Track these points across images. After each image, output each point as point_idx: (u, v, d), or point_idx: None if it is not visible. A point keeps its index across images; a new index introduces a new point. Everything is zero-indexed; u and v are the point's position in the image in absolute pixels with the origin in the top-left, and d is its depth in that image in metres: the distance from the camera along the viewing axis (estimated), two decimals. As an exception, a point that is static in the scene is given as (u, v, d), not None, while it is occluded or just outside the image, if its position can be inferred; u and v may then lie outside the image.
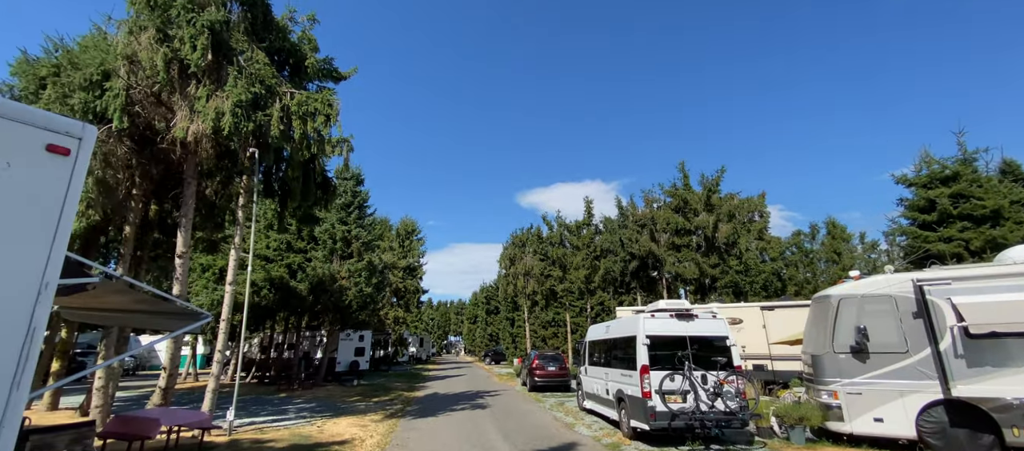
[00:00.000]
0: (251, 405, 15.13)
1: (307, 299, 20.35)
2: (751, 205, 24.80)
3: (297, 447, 8.91)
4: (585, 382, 13.34)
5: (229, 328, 10.49)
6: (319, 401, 16.29)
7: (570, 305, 32.39)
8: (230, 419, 9.87)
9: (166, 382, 9.89)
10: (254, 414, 13.17)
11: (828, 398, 8.58)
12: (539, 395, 18.01)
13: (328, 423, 11.78)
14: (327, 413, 13.52)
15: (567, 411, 13.77)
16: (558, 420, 12.21)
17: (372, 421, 12.25)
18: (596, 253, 29.14)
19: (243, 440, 9.37)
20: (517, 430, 10.77)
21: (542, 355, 20.12)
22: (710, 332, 9.22)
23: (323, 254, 21.74)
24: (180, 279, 9.73)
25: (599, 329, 12.64)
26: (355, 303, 21.08)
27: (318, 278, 20.55)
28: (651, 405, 8.55)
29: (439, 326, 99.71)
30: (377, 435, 10.36)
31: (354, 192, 23.05)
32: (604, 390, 11.25)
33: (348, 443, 9.49)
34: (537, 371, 19.18)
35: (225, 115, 8.56)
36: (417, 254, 41.14)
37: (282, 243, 22.62)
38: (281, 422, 11.84)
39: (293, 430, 10.67)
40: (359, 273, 21.55)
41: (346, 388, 20.49)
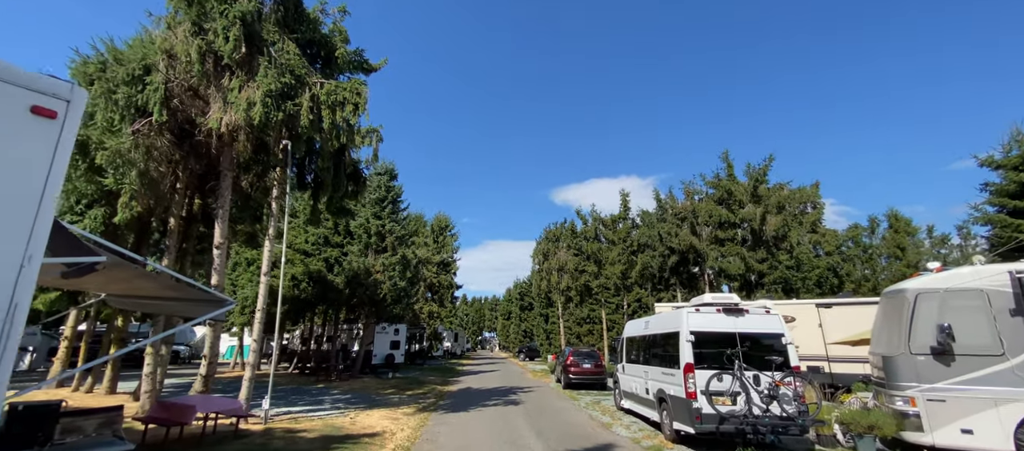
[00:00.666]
0: (290, 394, 15.47)
1: (343, 292, 20.70)
2: (803, 196, 23.08)
3: (328, 438, 8.84)
4: (623, 381, 12.70)
5: (264, 319, 10.62)
6: (355, 393, 16.48)
7: (606, 302, 31.51)
8: (265, 407, 9.98)
9: (206, 370, 10.13)
10: (292, 403, 13.41)
11: (903, 405, 7.58)
12: (574, 393, 17.47)
13: (361, 415, 11.77)
14: (361, 405, 13.57)
15: (603, 410, 13.18)
16: (594, 419, 11.65)
17: (404, 414, 12.14)
18: (633, 248, 28.13)
19: (277, 429, 9.44)
20: (550, 428, 10.32)
21: (577, 352, 19.54)
22: (763, 329, 8.40)
23: (358, 248, 22.07)
24: (218, 269, 9.92)
25: (638, 325, 11.96)
26: (389, 296, 21.26)
27: (353, 272, 20.85)
28: (696, 407, 7.87)
29: (474, 322, 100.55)
30: (408, 429, 10.20)
31: (387, 187, 23.26)
32: (643, 389, 10.60)
33: (379, 436, 9.36)
34: (572, 368, 18.63)
35: (256, 105, 8.58)
36: (451, 249, 41.38)
37: (320, 238, 23.14)
38: (316, 412, 11.94)
39: (326, 421, 10.69)
40: (393, 267, 21.71)
41: (381, 380, 20.71)
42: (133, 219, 10.13)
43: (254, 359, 10.23)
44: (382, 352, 25.06)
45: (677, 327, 8.70)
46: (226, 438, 8.34)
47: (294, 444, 8.20)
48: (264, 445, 7.98)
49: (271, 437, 8.64)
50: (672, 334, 9.01)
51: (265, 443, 8.10)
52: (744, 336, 8.30)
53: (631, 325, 12.63)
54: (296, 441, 8.39)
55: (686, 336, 8.29)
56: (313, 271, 21.66)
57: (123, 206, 9.17)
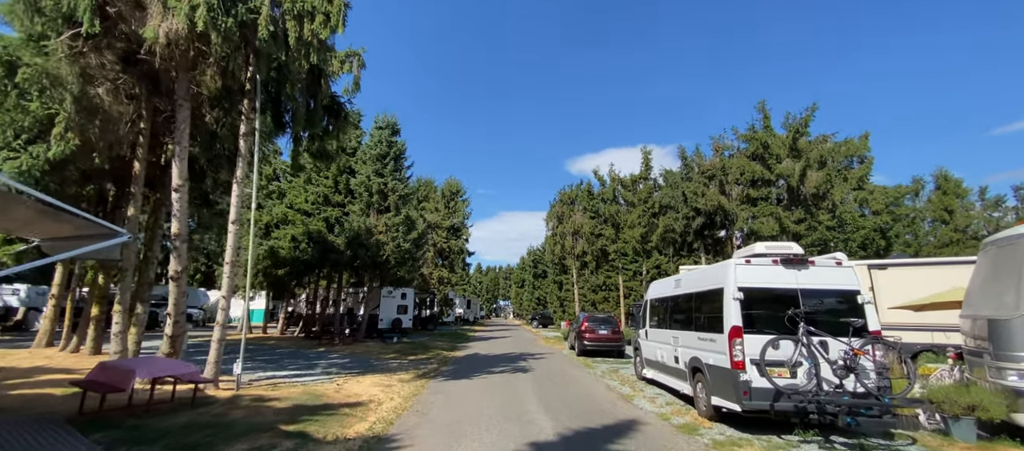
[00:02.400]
0: (285, 359, 14.47)
1: (345, 253, 19.51)
2: (849, 149, 20.65)
3: (301, 408, 7.59)
4: (645, 348, 11.18)
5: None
6: (354, 357, 15.43)
7: (623, 268, 29.86)
8: (237, 373, 8.80)
9: (173, 329, 8.95)
10: (282, 368, 12.34)
11: (1019, 380, 5.86)
12: (588, 360, 16.11)
13: (351, 381, 10.58)
14: (356, 370, 12.44)
15: (622, 380, 11.75)
16: (612, 390, 10.22)
17: (399, 381, 10.92)
18: (654, 210, 26.18)
19: (247, 396, 8.24)
20: (562, 401, 8.91)
21: (592, 317, 18.10)
22: (833, 284, 6.67)
23: (359, 207, 20.73)
24: (177, 215, 8.58)
25: (665, 284, 10.31)
26: (393, 258, 20.01)
27: (355, 232, 19.58)
28: (744, 379, 6.28)
29: (488, 290, 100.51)
30: (398, 398, 8.92)
31: (389, 142, 21.65)
32: (671, 358, 9.05)
33: (362, 406, 8.08)
34: (587, 334, 17.24)
35: (199, 7, 6.94)
36: (462, 215, 40.00)
37: (319, 197, 21.88)
38: (302, 378, 10.80)
39: (309, 388, 9.50)
40: (396, 228, 20.36)
41: (386, 345, 19.73)
42: (99, 164, 8.76)
43: (222, 317, 8.99)
44: (389, 317, 24.11)
45: (720, 282, 7.03)
46: (181, 407, 7.15)
47: (257, 415, 6.95)
48: (220, 416, 6.74)
49: (233, 406, 7.42)
50: (713, 292, 7.35)
51: (222, 414, 6.86)
52: (808, 293, 6.58)
53: (657, 285, 11.00)
54: (260, 411, 7.15)
55: (733, 293, 6.62)
56: (313, 231, 20.48)
57: (57, 138, 7.79)
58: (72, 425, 5.89)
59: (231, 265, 9.04)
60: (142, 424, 6.14)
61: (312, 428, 6.36)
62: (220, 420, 6.50)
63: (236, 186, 9.19)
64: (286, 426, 6.39)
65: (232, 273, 9.08)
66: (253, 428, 6.21)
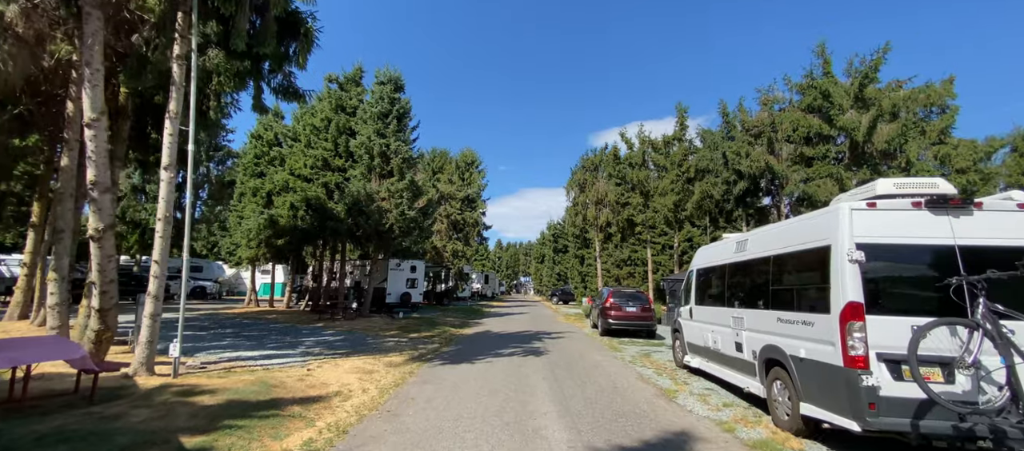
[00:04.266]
0: (271, 336, 12.89)
1: (345, 221, 17.76)
2: (929, 96, 17.32)
3: (236, 404, 5.76)
4: (688, 329, 8.96)
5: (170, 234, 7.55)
6: (350, 334, 13.76)
7: (651, 241, 27.33)
8: (174, 355, 7.06)
9: (100, 301, 7.24)
10: (257, 348, 10.69)
11: None
12: (614, 342, 14.00)
13: (327, 365, 8.80)
14: (343, 350, 10.70)
15: (658, 367, 9.60)
16: (646, 382, 8.08)
17: (386, 365, 9.09)
18: (689, 175, 23.41)
19: (177, 386, 6.48)
20: (582, 396, 6.84)
21: (618, 293, 15.88)
22: (1015, 238, 4.25)
23: (360, 171, 18.85)
24: (92, 157, 6.75)
25: (720, 248, 7.97)
26: (397, 227, 18.14)
27: (354, 198, 17.76)
28: (869, 384, 4.02)
29: (508, 266, 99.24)
30: (374, 389, 7.05)
31: (391, 99, 19.50)
32: (730, 344, 6.81)
33: (320, 402, 6.22)
34: (612, 312, 15.07)
35: None
36: (477, 185, 37.89)
37: (318, 160, 20.12)
38: (272, 360, 9.08)
39: (269, 374, 7.73)
40: (400, 194, 18.41)
41: (391, 321, 18.11)
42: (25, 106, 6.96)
43: (156, 287, 7.20)
44: (397, 291, 22.52)
45: (824, 238, 4.70)
46: (73, 402, 5.41)
47: (167, 416, 5.13)
48: (111, 419, 4.94)
49: (145, 402, 5.64)
50: (807, 253, 5.03)
51: (117, 415, 5.07)
52: (974, 252, 4.19)
53: (708, 251, 8.65)
54: (175, 411, 5.33)
55: (847, 251, 4.30)
56: (311, 198, 18.81)
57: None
58: None
59: (165, 222, 7.19)
60: (-8, 431, 4.39)
61: (227, 441, 4.48)
62: (104, 426, 4.69)
63: (169, 123, 7.28)
64: (191, 438, 4.53)
65: (167, 232, 7.23)
66: (142, 441, 4.37)
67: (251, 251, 22.84)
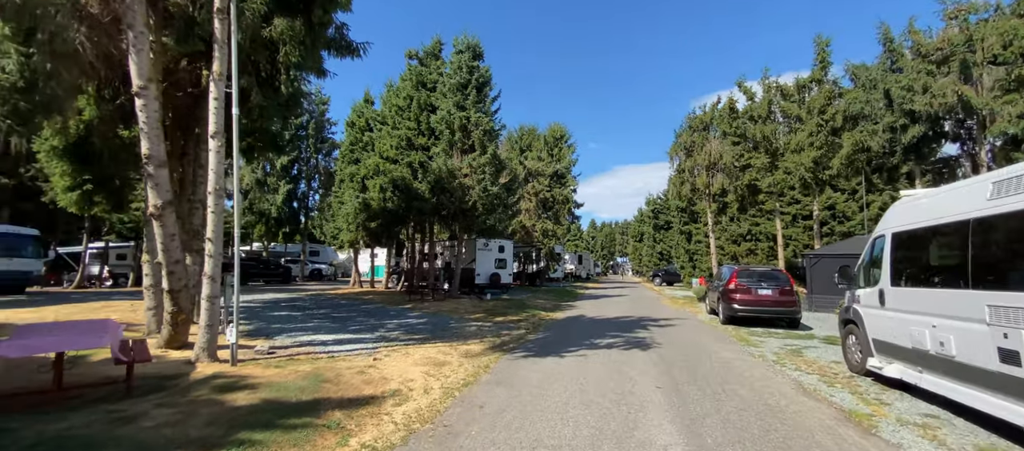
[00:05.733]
0: (355, 318, 12.56)
1: (429, 200, 17.15)
2: None
3: (271, 407, 4.77)
4: (877, 321, 6.15)
5: (222, 209, 6.94)
6: (435, 317, 12.95)
7: (780, 211, 22.72)
8: (232, 341, 6.44)
9: (169, 282, 6.95)
10: (336, 331, 10.19)
11: None
12: (741, 331, 11.18)
13: (397, 354, 7.76)
14: (421, 336, 9.73)
15: (822, 372, 6.90)
16: (816, 396, 5.58)
17: (462, 355, 7.79)
18: (834, 124, 18.65)
19: (226, 377, 5.77)
20: (719, 418, 4.69)
21: (746, 272, 12.82)
22: None
23: (442, 147, 18.05)
24: (145, 130, 6.32)
25: (956, 196, 4.96)
26: (480, 204, 17.04)
27: (437, 176, 17.01)
28: None
29: (603, 246, 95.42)
30: (439, 389, 5.70)
31: (469, 68, 18.27)
32: (987, 349, 4.08)
33: (370, 404, 5.03)
34: (737, 295, 12.15)
35: None
36: (567, 161, 35.69)
37: (402, 140, 19.80)
38: (342, 347, 8.33)
39: (331, 363, 6.86)
40: (482, 169, 17.23)
41: (479, 302, 17.18)
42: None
43: (211, 268, 6.64)
44: (486, 272, 21.67)
45: None
46: (107, 396, 4.84)
47: (186, 420, 4.24)
48: (125, 421, 4.16)
49: (180, 395, 4.90)
50: None
51: (134, 416, 4.30)
52: None
53: (924, 203, 5.59)
54: (196, 414, 4.44)
55: None
56: (397, 179, 18.55)
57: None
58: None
59: (215, 196, 6.57)
60: None
61: (224, 466, 3.34)
62: (107, 433, 3.89)
63: (214, 86, 6.60)
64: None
65: (219, 207, 6.62)
66: (130, 457, 3.42)
67: (351, 234, 23.78)
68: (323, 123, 37.95)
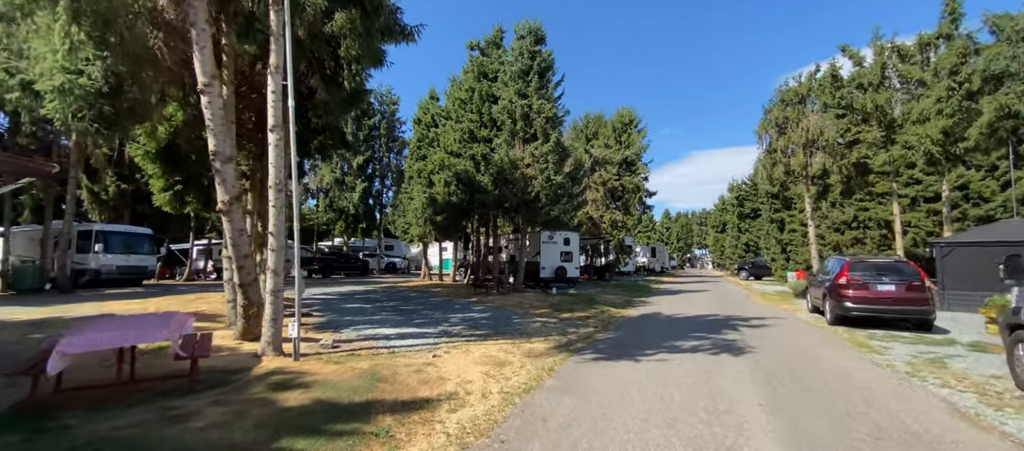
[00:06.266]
0: (420, 311, 12.52)
1: (491, 193, 16.79)
2: None
3: (321, 407, 4.51)
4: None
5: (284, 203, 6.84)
6: (498, 311, 12.54)
7: (898, 193, 19.32)
8: (294, 335, 6.41)
9: (239, 277, 7.15)
10: (401, 324, 10.10)
11: None
12: (854, 334, 9.38)
13: (457, 351, 7.36)
14: (482, 331, 9.31)
15: (979, 389, 5.33)
16: (982, 426, 4.19)
17: (524, 355, 7.20)
18: (970, 87, 15.34)
19: (283, 373, 5.69)
20: (845, 443, 3.60)
21: (861, 263, 10.83)
22: None
23: (504, 138, 17.58)
24: (211, 126, 6.46)
25: None
26: (543, 195, 16.34)
27: (498, 167, 16.58)
28: None
29: (679, 238, 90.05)
30: (497, 395, 5.15)
31: (531, 53, 17.54)
32: None
33: (426, 408, 4.59)
34: (849, 290, 10.26)
35: None
36: (637, 147, 33.64)
37: (465, 133, 19.64)
38: (405, 342, 8.12)
39: (390, 360, 6.61)
40: (544, 157, 16.50)
41: (544, 297, 16.54)
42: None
43: (274, 262, 6.64)
44: (551, 265, 20.94)
45: None
46: (170, 391, 4.88)
47: (232, 424, 4.07)
48: (176, 420, 4.08)
49: (232, 395, 4.81)
50: None
51: (190, 415, 4.21)
52: None
53: None
54: (246, 415, 4.27)
55: None
56: (461, 172, 18.41)
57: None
58: None
59: (276, 190, 6.55)
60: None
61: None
62: (156, 433, 3.79)
63: (271, 79, 6.58)
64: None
65: (280, 201, 6.60)
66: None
67: (419, 229, 24.34)
68: (394, 122, 39.51)
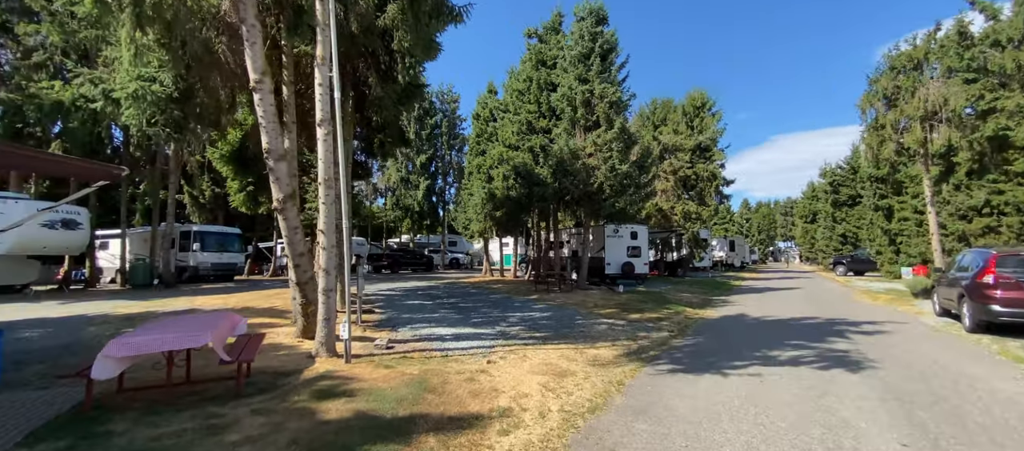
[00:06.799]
0: (478, 309, 12.13)
1: (550, 185, 16.05)
2: None
3: (360, 422, 4.10)
4: None
5: (334, 199, 6.63)
6: (560, 311, 11.81)
7: (1050, 167, 15.64)
8: (344, 336, 6.18)
9: (297, 275, 7.11)
10: (458, 323, 9.72)
11: None
12: (1006, 345, 7.40)
13: (513, 356, 6.77)
14: (542, 333, 8.66)
15: None
16: None
17: (587, 363, 6.43)
18: None
19: (329, 377, 5.42)
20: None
21: (1012, 257, 8.66)
22: None
23: (564, 127, 16.71)
24: (263, 123, 6.41)
25: None
26: (607, 185, 15.26)
27: (558, 158, 15.78)
28: None
29: (760, 229, 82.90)
30: (556, 415, 4.46)
31: (593, 35, 16.45)
32: None
33: (473, 428, 4.04)
34: (997, 291, 8.20)
35: None
36: (712, 131, 30.94)
37: (523, 124, 19.04)
38: (459, 343, 7.69)
39: (441, 365, 6.17)
40: (608, 145, 15.39)
41: (610, 295, 15.50)
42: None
43: (326, 260, 6.44)
44: (617, 261, 19.72)
45: None
46: (219, 395, 4.75)
47: (266, 439, 3.77)
48: (212, 431, 3.86)
49: (274, 403, 4.56)
50: None
51: (228, 425, 4.00)
52: None
53: None
54: (281, 429, 3.97)
55: None
56: (519, 165, 17.88)
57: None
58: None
59: (326, 186, 6.35)
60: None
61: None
62: (186, 446, 3.56)
63: (318, 72, 6.38)
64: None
65: (330, 197, 6.39)
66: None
67: (479, 225, 24.23)
68: (455, 120, 40.07)
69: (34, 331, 8.21)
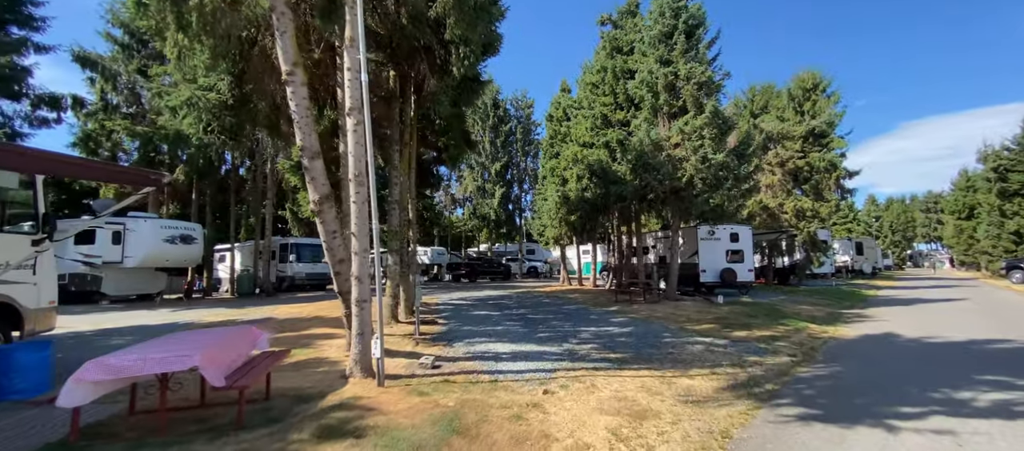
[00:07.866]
0: (548, 321, 10.82)
1: (629, 183, 14.29)
2: None
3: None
4: None
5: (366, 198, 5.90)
6: (643, 325, 10.08)
7: None
8: (376, 355, 5.34)
9: (339, 284, 6.51)
10: (524, 339, 8.53)
11: None
12: None
13: (578, 385, 5.41)
14: (619, 354, 7.15)
15: None
16: None
17: (676, 400, 4.87)
18: None
19: (353, 407, 4.54)
20: None
21: None
22: None
23: (644, 116, 14.87)
24: (297, 119, 5.91)
25: None
26: (698, 179, 13.09)
27: (637, 152, 14.00)
28: None
29: (893, 230, 70.23)
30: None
31: (675, 10, 14.44)
32: None
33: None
34: None
35: None
36: (828, 115, 26.28)
37: (598, 119, 17.49)
38: (518, 364, 6.51)
39: (485, 396, 5.03)
40: (697, 132, 13.25)
41: (706, 307, 13.21)
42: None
43: (358, 267, 5.68)
44: (714, 267, 17.06)
45: None
46: (219, 427, 4.10)
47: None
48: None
49: (273, 440, 3.75)
50: None
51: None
52: None
53: None
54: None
55: None
56: (593, 163, 16.36)
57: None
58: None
59: (356, 183, 5.62)
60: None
61: None
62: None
63: (347, 55, 5.72)
64: None
65: (361, 196, 5.66)
66: None
67: (554, 230, 22.97)
68: (529, 126, 39.45)
69: (124, 338, 8.69)
